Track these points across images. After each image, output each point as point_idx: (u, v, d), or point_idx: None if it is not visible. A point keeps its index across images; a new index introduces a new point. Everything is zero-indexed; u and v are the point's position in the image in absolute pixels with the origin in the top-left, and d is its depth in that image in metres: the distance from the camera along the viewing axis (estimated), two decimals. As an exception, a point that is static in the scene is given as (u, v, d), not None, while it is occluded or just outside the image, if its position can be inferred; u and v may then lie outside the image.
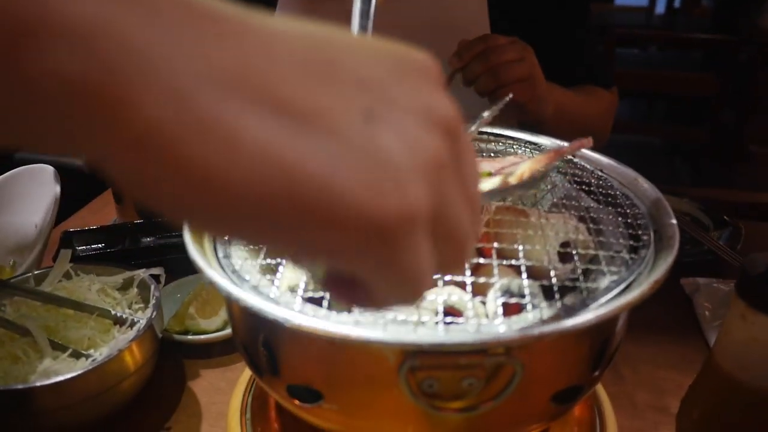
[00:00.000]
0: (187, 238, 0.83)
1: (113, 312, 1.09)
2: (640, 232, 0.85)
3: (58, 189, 1.40)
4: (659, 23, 6.04)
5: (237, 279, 0.79)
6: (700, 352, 1.25)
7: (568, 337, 0.68)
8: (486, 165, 0.98)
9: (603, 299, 0.72)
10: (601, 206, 0.95)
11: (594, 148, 1.19)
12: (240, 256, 0.85)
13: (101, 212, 1.74)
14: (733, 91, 3.82)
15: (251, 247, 0.87)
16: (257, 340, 0.78)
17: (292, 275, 0.81)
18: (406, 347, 0.65)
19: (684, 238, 1.59)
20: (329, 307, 0.74)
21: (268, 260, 0.83)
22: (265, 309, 0.69)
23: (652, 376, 1.20)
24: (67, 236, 1.47)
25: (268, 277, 0.81)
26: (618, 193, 0.96)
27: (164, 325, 1.22)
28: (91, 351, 1.06)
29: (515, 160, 0.98)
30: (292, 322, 0.67)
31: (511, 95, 1.40)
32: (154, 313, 1.07)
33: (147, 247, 1.42)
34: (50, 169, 1.43)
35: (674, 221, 0.85)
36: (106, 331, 1.10)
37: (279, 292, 0.77)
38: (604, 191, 0.97)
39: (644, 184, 0.95)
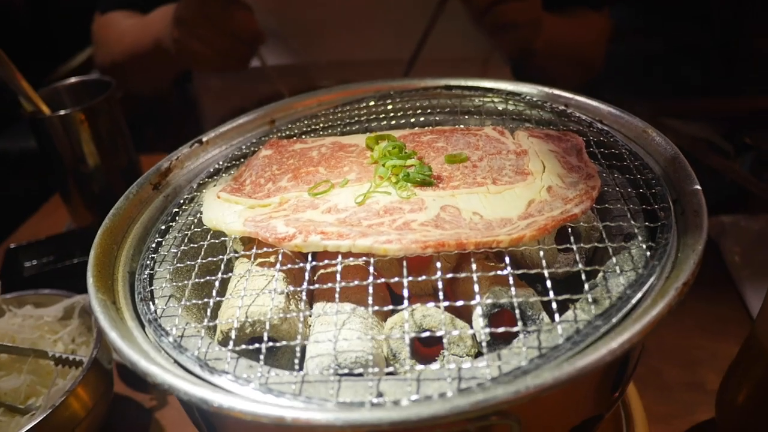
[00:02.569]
0: (91, 286, 0.66)
1: (51, 353, 0.94)
2: (656, 206, 0.67)
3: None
4: None
5: (155, 331, 0.63)
6: (735, 310, 1.09)
7: (577, 380, 0.52)
8: (461, 142, 0.79)
9: (617, 316, 0.56)
10: (603, 169, 0.76)
11: (589, 78, 1.00)
12: (163, 294, 0.69)
13: (55, 215, 1.59)
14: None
15: (175, 283, 0.70)
16: (192, 412, 0.63)
17: (226, 315, 0.65)
18: (360, 428, 0.49)
19: (702, 169, 1.42)
20: (270, 356, 0.59)
21: (194, 300, 0.67)
22: (179, 387, 0.53)
23: (681, 344, 1.04)
24: (11, 254, 1.31)
25: (195, 325, 0.65)
26: (624, 150, 0.77)
27: (119, 353, 1.07)
28: (31, 401, 0.92)
29: (496, 135, 0.79)
30: (212, 404, 0.51)
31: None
32: (97, 349, 0.92)
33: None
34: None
35: (698, 187, 0.67)
36: (46, 374, 0.95)
37: (207, 344, 0.61)
38: (606, 150, 0.78)
39: (656, 137, 0.76)
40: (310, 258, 0.65)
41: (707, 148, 1.43)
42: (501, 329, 0.56)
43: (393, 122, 0.93)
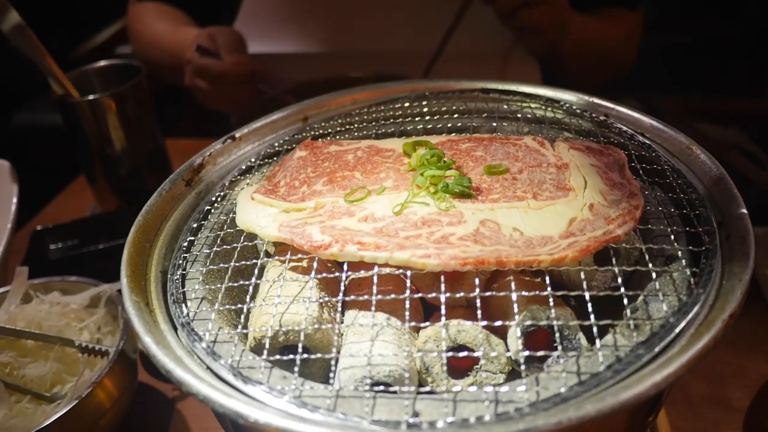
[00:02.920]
0: (125, 286, 0.66)
1: (77, 342, 0.94)
2: (700, 229, 0.66)
3: (16, 188, 1.23)
4: None
5: (188, 336, 0.63)
6: (763, 326, 1.07)
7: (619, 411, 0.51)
8: (500, 152, 0.77)
9: (660, 345, 0.55)
10: (645, 186, 0.75)
11: (618, 77, 0.98)
12: (196, 296, 0.68)
13: (79, 196, 1.59)
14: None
15: (208, 285, 0.70)
16: (223, 419, 0.63)
17: (259, 322, 0.64)
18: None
19: (734, 177, 1.39)
20: (302, 365, 0.58)
21: (227, 305, 0.67)
22: (214, 399, 0.53)
23: (707, 358, 1.03)
24: (37, 236, 1.32)
25: (228, 330, 0.64)
26: (666, 167, 0.75)
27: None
28: (57, 389, 0.92)
29: (536, 146, 0.77)
30: (248, 419, 0.51)
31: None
32: (123, 341, 0.92)
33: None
34: (6, 165, 1.26)
35: (744, 211, 0.66)
36: (72, 362, 0.95)
37: (241, 351, 0.61)
38: (648, 166, 0.76)
39: (701, 155, 0.74)
40: (345, 267, 0.65)
41: (739, 154, 1.41)
42: (540, 353, 0.56)
43: (429, 125, 0.92)
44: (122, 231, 1.35)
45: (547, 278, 0.60)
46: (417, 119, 0.93)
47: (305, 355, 0.59)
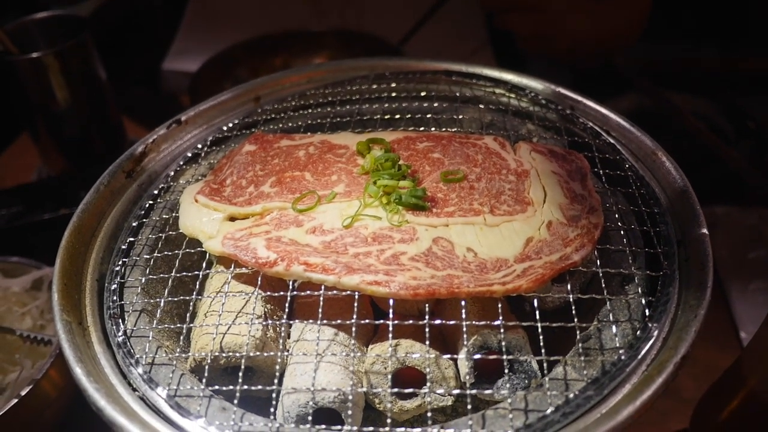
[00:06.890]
0: (56, 303, 0.62)
1: (18, 332, 0.90)
2: (659, 250, 0.63)
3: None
4: None
5: (124, 359, 0.60)
6: (717, 310, 1.07)
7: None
8: (459, 155, 0.73)
9: (609, 386, 0.53)
10: (606, 195, 0.72)
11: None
12: (134, 308, 0.64)
13: (25, 157, 1.50)
14: None
15: (148, 298, 0.66)
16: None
17: (200, 343, 0.61)
18: None
19: (701, 152, 1.37)
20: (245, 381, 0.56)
21: (167, 324, 0.63)
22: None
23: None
24: (-24, 203, 1.24)
25: (167, 350, 0.61)
26: (630, 174, 0.72)
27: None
28: (-2, 379, 0.89)
29: (496, 148, 0.73)
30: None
31: None
32: (67, 331, 0.88)
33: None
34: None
35: (705, 231, 0.64)
36: (13, 349, 0.92)
37: (179, 376, 0.58)
38: (611, 171, 0.73)
39: (666, 162, 0.72)
40: (290, 285, 0.61)
41: (708, 129, 1.38)
42: (488, 389, 0.54)
43: (386, 105, 0.87)
44: (70, 198, 1.29)
45: (500, 305, 0.58)
46: (375, 98, 0.88)
47: (245, 387, 0.56)
